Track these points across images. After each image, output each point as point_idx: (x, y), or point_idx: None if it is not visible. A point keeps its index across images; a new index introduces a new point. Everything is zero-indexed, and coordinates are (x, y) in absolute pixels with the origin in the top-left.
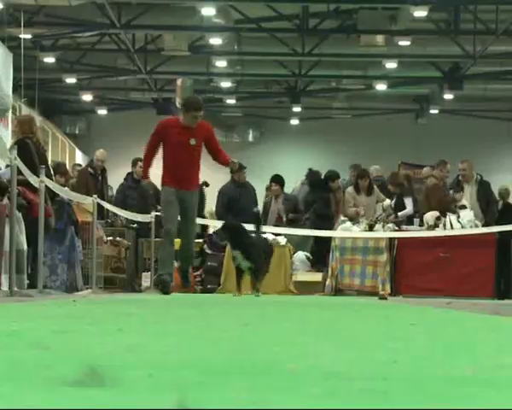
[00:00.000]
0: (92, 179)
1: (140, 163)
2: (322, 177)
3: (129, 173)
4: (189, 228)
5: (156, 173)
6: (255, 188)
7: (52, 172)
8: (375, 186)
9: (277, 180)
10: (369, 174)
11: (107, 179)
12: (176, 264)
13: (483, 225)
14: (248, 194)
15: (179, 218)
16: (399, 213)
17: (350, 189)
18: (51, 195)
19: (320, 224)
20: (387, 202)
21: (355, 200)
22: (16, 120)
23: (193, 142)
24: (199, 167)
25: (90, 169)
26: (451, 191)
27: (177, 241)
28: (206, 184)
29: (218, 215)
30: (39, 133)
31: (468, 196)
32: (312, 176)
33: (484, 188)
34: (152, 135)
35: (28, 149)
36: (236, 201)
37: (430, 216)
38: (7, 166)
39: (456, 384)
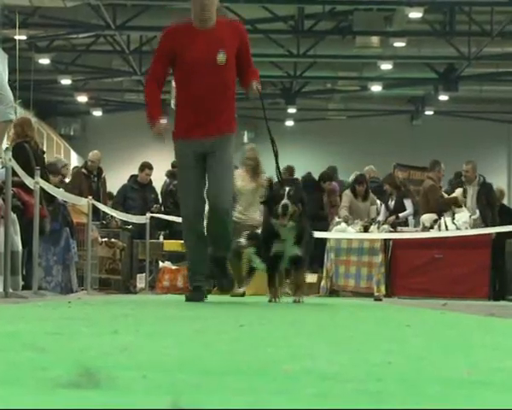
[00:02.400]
0: (86, 180)
1: (147, 170)
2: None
3: (133, 175)
4: (220, 198)
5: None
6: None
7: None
8: (370, 192)
9: None
10: (366, 180)
11: (105, 180)
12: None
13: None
14: None
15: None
16: (400, 215)
17: (348, 191)
18: (47, 196)
19: (313, 224)
20: (376, 206)
21: (351, 203)
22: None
23: (222, 57)
24: (233, 97)
25: (83, 170)
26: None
27: None
28: None
29: None
30: (36, 135)
31: (469, 197)
32: (305, 177)
33: (486, 190)
34: (156, 53)
35: (24, 152)
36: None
37: (428, 218)
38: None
39: (452, 386)
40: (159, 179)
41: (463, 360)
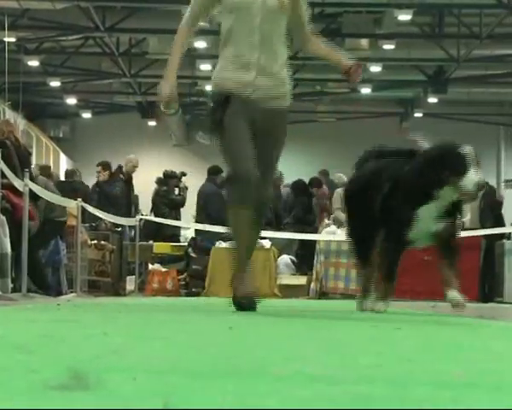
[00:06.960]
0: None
1: (128, 163)
2: (307, 182)
3: (122, 178)
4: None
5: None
6: None
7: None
8: None
9: None
10: None
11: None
12: None
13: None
14: None
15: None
16: None
17: (341, 190)
18: (32, 195)
19: (299, 228)
20: None
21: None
22: None
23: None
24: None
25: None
26: None
27: None
28: (183, 174)
29: (215, 219)
30: (16, 132)
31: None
32: (295, 181)
33: (489, 193)
34: None
35: (6, 150)
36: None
37: None
38: None
39: (442, 388)
40: (150, 183)
41: (453, 362)
